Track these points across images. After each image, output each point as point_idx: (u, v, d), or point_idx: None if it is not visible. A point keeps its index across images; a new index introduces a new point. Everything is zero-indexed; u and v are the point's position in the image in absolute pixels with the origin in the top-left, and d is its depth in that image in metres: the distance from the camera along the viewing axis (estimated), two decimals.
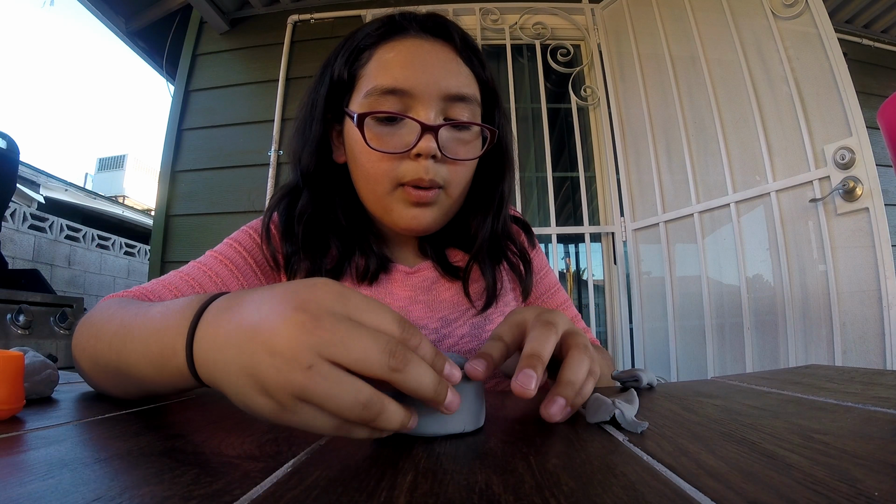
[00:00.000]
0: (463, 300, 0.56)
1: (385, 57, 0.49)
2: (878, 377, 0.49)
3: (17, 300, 1.41)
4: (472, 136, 0.52)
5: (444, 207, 0.51)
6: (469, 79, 0.51)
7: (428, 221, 0.50)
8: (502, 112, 0.57)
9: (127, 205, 5.48)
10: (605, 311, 1.82)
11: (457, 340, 0.54)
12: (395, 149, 0.47)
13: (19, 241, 2.67)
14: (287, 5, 2.10)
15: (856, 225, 1.20)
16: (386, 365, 0.21)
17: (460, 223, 0.57)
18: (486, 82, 0.53)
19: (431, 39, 0.50)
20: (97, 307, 0.42)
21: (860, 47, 2.13)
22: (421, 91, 0.47)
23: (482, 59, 0.53)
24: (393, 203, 0.50)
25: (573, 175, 1.87)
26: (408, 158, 0.48)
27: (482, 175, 0.56)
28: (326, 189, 0.54)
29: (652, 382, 0.46)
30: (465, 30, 0.54)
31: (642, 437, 0.26)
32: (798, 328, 1.28)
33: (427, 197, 0.49)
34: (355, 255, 0.54)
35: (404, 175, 0.48)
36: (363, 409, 0.21)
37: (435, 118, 0.48)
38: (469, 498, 0.18)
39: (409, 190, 0.48)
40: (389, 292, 0.55)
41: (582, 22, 1.95)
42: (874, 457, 0.22)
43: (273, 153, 1.90)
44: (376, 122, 0.48)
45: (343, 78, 0.51)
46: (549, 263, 0.72)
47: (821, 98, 1.28)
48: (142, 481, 0.19)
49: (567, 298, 0.67)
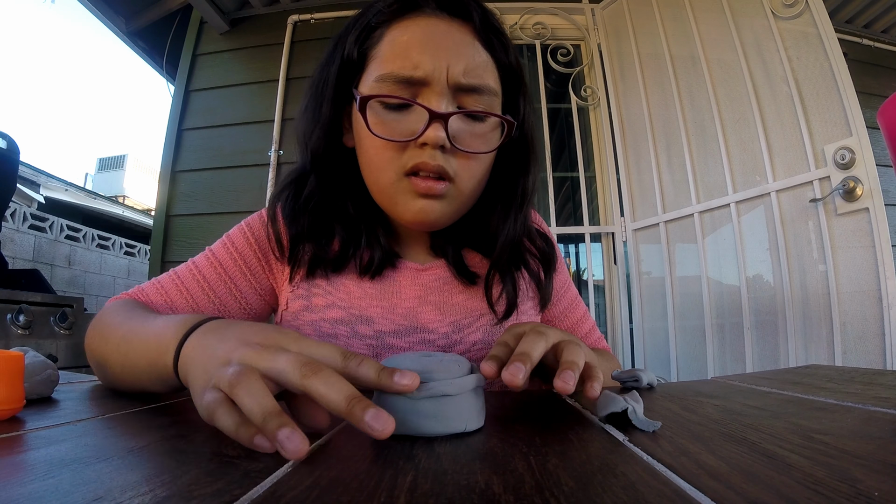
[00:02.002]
0: (477, 305, 0.53)
1: (397, 39, 0.45)
2: (878, 377, 0.49)
3: (17, 300, 1.41)
4: (488, 127, 0.47)
5: (455, 202, 0.48)
6: (487, 65, 0.46)
7: (436, 215, 0.47)
8: (527, 99, 0.52)
9: (127, 205, 5.48)
10: (605, 311, 1.82)
11: (469, 347, 0.51)
12: (401, 136, 0.44)
13: (19, 241, 2.68)
14: (287, 5, 2.10)
15: (856, 225, 1.20)
16: (298, 373, 0.25)
17: (478, 221, 0.53)
18: (509, 67, 0.49)
19: (448, 19, 0.46)
20: (105, 311, 0.48)
21: (860, 47, 2.13)
22: (433, 78, 0.43)
23: (505, 40, 0.48)
24: (399, 194, 0.46)
25: (573, 175, 1.87)
26: (414, 147, 0.44)
27: (503, 168, 0.52)
28: (335, 174, 0.51)
29: (652, 382, 0.46)
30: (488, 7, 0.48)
31: (642, 437, 0.26)
32: (798, 328, 1.28)
33: (435, 189, 0.45)
34: (361, 247, 0.51)
35: (409, 163, 0.44)
36: (263, 418, 0.23)
37: (446, 107, 0.44)
38: (469, 498, 0.18)
39: (415, 180, 0.45)
40: (396, 291, 0.52)
41: (582, 22, 1.95)
42: (874, 457, 0.22)
43: (273, 153, 1.90)
44: (383, 108, 0.45)
45: (353, 57, 0.47)
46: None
47: (821, 98, 1.28)
48: (142, 481, 0.19)
49: (585, 311, 0.65)
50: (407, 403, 0.28)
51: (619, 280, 1.77)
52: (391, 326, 0.51)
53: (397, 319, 0.51)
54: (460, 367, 0.31)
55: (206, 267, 0.53)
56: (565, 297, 0.64)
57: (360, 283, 0.52)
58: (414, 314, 0.52)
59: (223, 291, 0.52)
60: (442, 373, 0.30)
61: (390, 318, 0.51)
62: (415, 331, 0.51)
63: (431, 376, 0.29)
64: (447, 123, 0.43)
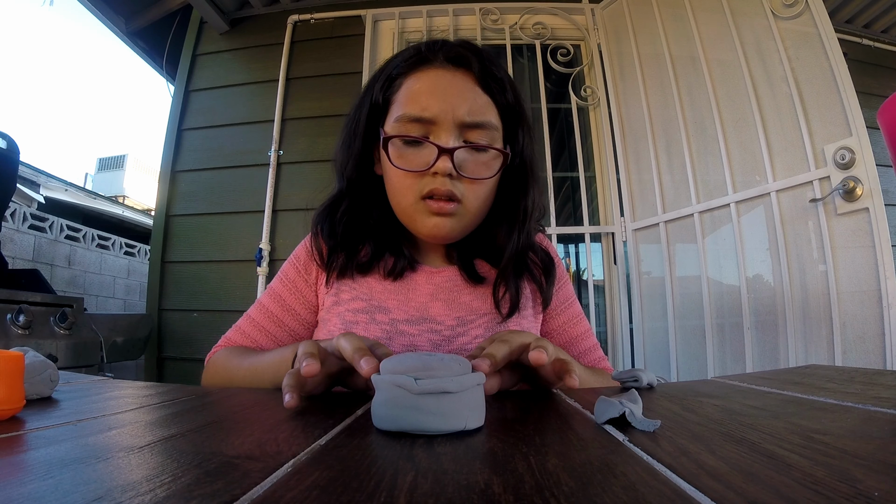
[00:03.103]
0: (482, 305, 0.61)
1: (412, 87, 0.56)
2: (878, 377, 0.49)
3: (17, 300, 1.41)
4: (490, 157, 0.56)
5: (464, 219, 0.57)
6: (488, 105, 0.56)
7: (447, 230, 0.56)
8: (527, 131, 0.61)
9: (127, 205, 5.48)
10: (605, 311, 1.82)
11: (470, 339, 0.59)
12: (417, 167, 0.54)
13: (19, 241, 2.67)
14: (287, 5, 2.10)
15: (856, 225, 1.20)
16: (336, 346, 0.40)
17: (487, 235, 0.62)
18: (507, 106, 0.58)
19: (453, 69, 0.56)
20: (218, 359, 0.62)
21: (860, 47, 2.13)
22: (440, 119, 0.54)
23: (504, 83, 0.58)
24: (417, 214, 0.56)
25: (573, 175, 1.87)
26: (428, 175, 0.54)
27: (507, 190, 0.61)
28: (366, 197, 0.62)
29: (652, 382, 0.46)
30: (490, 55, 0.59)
31: (642, 437, 0.26)
32: (798, 328, 1.28)
33: (446, 209, 0.55)
34: (385, 255, 0.61)
35: (424, 188, 0.55)
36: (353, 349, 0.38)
37: (454, 141, 0.54)
38: (469, 498, 0.18)
39: (430, 202, 0.55)
40: (413, 288, 0.61)
41: (582, 22, 1.95)
42: (874, 457, 0.22)
43: (273, 153, 1.90)
44: (402, 144, 0.55)
45: (379, 102, 0.58)
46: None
47: (821, 98, 1.28)
48: (142, 481, 0.19)
49: (587, 329, 0.69)
50: (408, 400, 0.28)
51: (619, 280, 1.77)
52: (404, 316, 0.59)
53: (410, 311, 0.59)
54: (461, 366, 0.31)
55: (271, 304, 0.65)
56: (565, 313, 0.68)
57: (382, 282, 0.62)
58: (425, 307, 0.60)
59: (288, 319, 0.65)
60: (443, 370, 0.30)
61: (404, 309, 0.59)
62: (424, 321, 0.59)
63: (432, 374, 0.29)
64: (453, 156, 0.53)
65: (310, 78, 2.00)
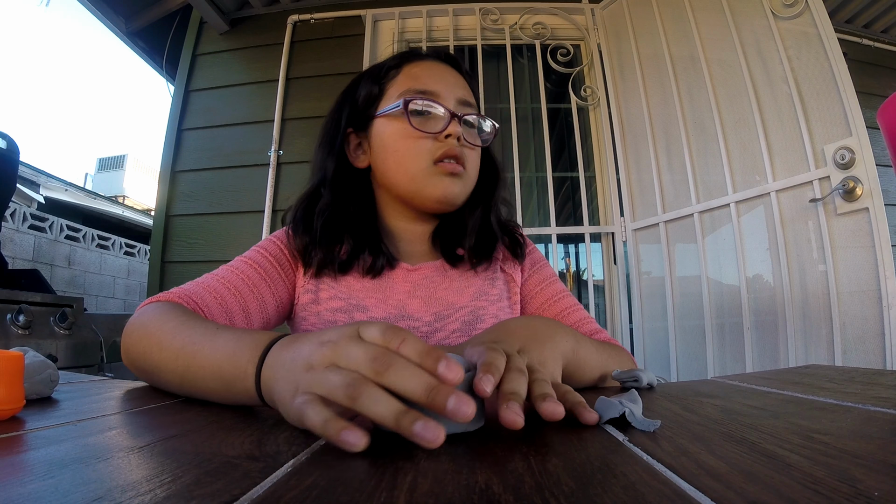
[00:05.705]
0: (458, 299, 0.63)
1: (413, 71, 0.63)
2: (878, 377, 0.49)
3: (17, 300, 1.41)
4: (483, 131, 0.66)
5: (466, 184, 0.63)
6: (471, 93, 0.66)
7: (457, 191, 0.61)
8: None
9: (127, 205, 5.48)
10: (605, 311, 1.82)
11: (448, 334, 0.61)
12: (431, 130, 0.59)
13: (19, 241, 2.67)
14: (287, 5, 2.10)
15: (856, 225, 1.20)
16: (370, 369, 0.26)
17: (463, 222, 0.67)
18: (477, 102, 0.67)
19: (445, 64, 0.66)
20: (149, 315, 0.46)
21: (860, 47, 2.13)
22: (443, 93, 0.61)
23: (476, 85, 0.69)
24: (429, 177, 0.60)
25: (573, 175, 1.87)
26: (440, 140, 0.60)
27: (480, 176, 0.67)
28: (345, 192, 0.64)
29: (652, 382, 0.46)
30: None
31: (642, 437, 0.26)
32: (798, 328, 1.28)
33: (457, 169, 0.60)
34: (364, 253, 0.62)
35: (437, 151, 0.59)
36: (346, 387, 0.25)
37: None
38: (469, 498, 0.18)
39: (443, 164, 0.60)
40: (391, 286, 0.63)
41: (582, 22, 1.95)
42: (874, 457, 0.22)
43: (273, 153, 1.90)
44: (412, 114, 0.60)
45: (373, 93, 0.64)
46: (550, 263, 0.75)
47: (821, 98, 1.28)
48: (142, 481, 0.19)
49: (573, 303, 0.68)
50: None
51: (618, 280, 1.77)
52: (383, 314, 0.61)
53: (388, 308, 0.61)
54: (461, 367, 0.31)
55: (247, 268, 0.60)
56: (545, 291, 0.69)
57: (360, 280, 0.63)
58: (403, 305, 0.62)
59: (263, 287, 0.60)
60: None
61: (382, 307, 0.61)
62: (402, 318, 0.61)
63: None
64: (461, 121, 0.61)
65: (310, 78, 2.00)
